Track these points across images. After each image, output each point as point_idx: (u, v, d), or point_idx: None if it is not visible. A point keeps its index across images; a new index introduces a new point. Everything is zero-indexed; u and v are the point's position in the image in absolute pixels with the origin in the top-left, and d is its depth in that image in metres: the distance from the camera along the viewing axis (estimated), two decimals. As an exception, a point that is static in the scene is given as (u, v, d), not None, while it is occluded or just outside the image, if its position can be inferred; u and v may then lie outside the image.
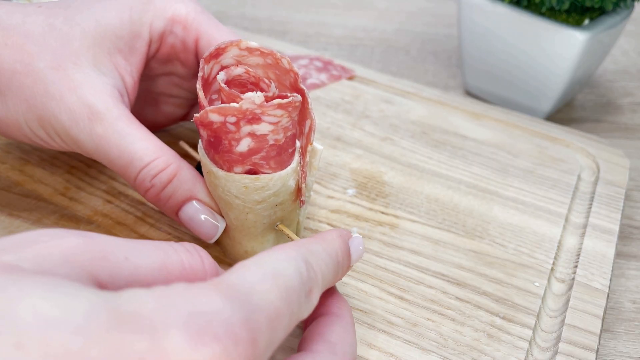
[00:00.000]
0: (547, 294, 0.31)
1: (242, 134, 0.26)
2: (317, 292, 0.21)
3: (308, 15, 0.67)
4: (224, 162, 0.27)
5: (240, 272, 0.18)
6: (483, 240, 0.34)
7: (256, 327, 0.17)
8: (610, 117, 0.51)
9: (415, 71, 0.57)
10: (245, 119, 0.25)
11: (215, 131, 0.26)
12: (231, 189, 0.27)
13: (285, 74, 0.28)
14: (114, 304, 0.15)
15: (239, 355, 0.16)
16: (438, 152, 0.41)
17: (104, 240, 0.19)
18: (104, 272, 0.18)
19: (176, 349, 0.15)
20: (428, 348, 0.28)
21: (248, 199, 0.27)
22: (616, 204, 0.37)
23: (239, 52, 0.28)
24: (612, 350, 0.32)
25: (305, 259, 0.21)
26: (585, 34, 0.42)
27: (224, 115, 0.25)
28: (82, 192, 0.35)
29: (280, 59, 0.27)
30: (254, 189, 0.27)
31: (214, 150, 0.26)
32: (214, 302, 0.16)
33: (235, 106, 0.25)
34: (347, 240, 0.25)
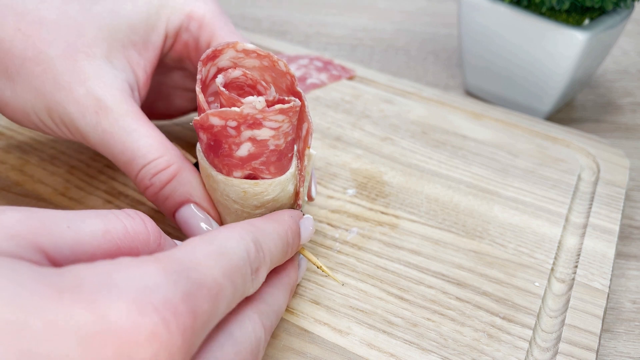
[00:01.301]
0: (547, 294, 0.31)
1: (242, 138, 0.25)
2: (264, 271, 0.23)
3: (308, 15, 0.67)
4: (224, 166, 0.26)
5: (188, 248, 0.19)
6: (483, 240, 0.34)
7: (196, 301, 0.17)
8: (610, 117, 0.51)
9: (415, 71, 0.57)
10: (246, 123, 0.25)
11: (216, 135, 0.25)
12: (230, 193, 0.27)
13: (282, 77, 0.28)
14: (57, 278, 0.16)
15: (178, 327, 0.16)
16: (438, 152, 0.40)
17: (43, 212, 0.19)
18: (47, 242, 0.18)
19: (118, 320, 0.15)
20: (428, 348, 0.28)
21: (247, 204, 0.27)
22: (616, 204, 0.37)
23: (235, 54, 0.27)
24: (612, 350, 0.32)
25: (255, 238, 0.22)
26: (585, 34, 0.42)
27: (224, 119, 0.25)
28: (82, 192, 0.35)
29: (277, 62, 0.27)
30: (253, 194, 0.27)
31: (214, 153, 0.26)
32: (155, 277, 0.17)
33: (236, 110, 0.24)
34: (298, 221, 0.27)
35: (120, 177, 0.36)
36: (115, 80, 0.28)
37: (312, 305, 0.29)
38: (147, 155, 0.27)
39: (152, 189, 0.28)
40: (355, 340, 0.28)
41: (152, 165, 0.27)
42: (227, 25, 0.32)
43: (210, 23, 0.31)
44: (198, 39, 0.32)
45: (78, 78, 0.27)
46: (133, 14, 0.29)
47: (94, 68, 0.28)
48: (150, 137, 0.28)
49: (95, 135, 0.28)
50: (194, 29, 0.31)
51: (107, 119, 0.27)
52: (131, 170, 0.28)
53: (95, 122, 0.27)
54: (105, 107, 0.27)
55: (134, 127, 0.27)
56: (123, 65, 0.29)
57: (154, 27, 0.30)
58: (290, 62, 0.50)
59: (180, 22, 0.31)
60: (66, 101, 0.27)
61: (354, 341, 0.28)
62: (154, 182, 0.28)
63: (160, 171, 0.28)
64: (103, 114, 0.27)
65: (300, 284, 0.30)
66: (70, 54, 0.27)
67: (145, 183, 0.28)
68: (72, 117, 0.28)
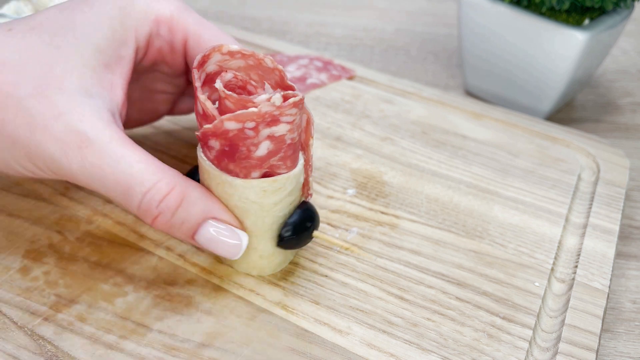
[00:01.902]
0: (547, 294, 0.31)
1: (261, 137, 0.25)
2: None
3: (308, 15, 0.67)
4: (241, 169, 0.26)
5: None
6: (483, 240, 0.34)
7: None
8: (610, 117, 0.51)
9: (415, 71, 0.57)
10: (264, 122, 0.25)
11: (232, 139, 0.25)
12: (249, 195, 0.27)
13: (270, 73, 0.28)
14: None
15: None
16: (438, 152, 0.40)
17: None
18: None
19: None
20: (428, 348, 0.28)
21: (266, 202, 0.27)
22: (616, 204, 0.37)
23: (221, 57, 0.27)
24: (612, 350, 0.32)
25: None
26: (585, 34, 0.42)
27: (242, 121, 0.25)
28: (82, 192, 0.35)
29: (263, 59, 0.27)
30: (272, 191, 0.27)
31: (229, 159, 0.26)
32: None
33: (254, 111, 0.25)
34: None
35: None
36: (94, 110, 0.26)
37: (312, 305, 0.29)
38: (145, 181, 0.26)
39: (162, 217, 0.26)
40: (355, 340, 0.28)
41: (154, 192, 0.26)
42: (197, 19, 0.31)
43: (180, 22, 0.30)
44: (172, 42, 0.30)
45: (53, 114, 0.25)
46: (98, 35, 0.28)
47: (69, 101, 0.26)
48: (142, 162, 0.26)
49: (83, 172, 0.26)
50: (165, 33, 0.30)
51: (92, 151, 0.25)
52: (131, 201, 0.26)
53: (81, 158, 0.25)
54: (88, 140, 0.25)
55: (122, 153, 0.26)
56: (99, 91, 0.27)
57: (122, 42, 0.28)
58: (290, 62, 0.50)
59: (149, 30, 0.30)
60: (45, 142, 0.25)
61: (354, 341, 0.28)
62: (162, 210, 0.26)
63: (165, 196, 0.26)
64: (87, 148, 0.25)
65: (300, 284, 0.30)
66: (41, 92, 0.25)
67: (152, 212, 0.26)
68: (55, 157, 0.25)
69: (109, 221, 0.33)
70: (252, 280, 0.30)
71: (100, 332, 0.27)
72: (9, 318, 0.28)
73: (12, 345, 0.26)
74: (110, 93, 0.28)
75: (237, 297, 0.29)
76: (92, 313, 0.28)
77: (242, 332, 0.28)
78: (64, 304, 0.28)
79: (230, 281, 0.30)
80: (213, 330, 0.28)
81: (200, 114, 0.27)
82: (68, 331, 0.27)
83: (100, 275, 0.30)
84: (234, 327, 0.28)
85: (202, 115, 0.26)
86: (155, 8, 0.30)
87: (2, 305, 0.28)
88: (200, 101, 0.26)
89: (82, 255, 0.31)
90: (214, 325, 0.28)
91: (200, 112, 0.26)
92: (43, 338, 0.27)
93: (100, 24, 0.28)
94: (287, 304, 0.29)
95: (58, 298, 0.29)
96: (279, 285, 0.30)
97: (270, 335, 0.28)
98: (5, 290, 0.29)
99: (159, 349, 0.27)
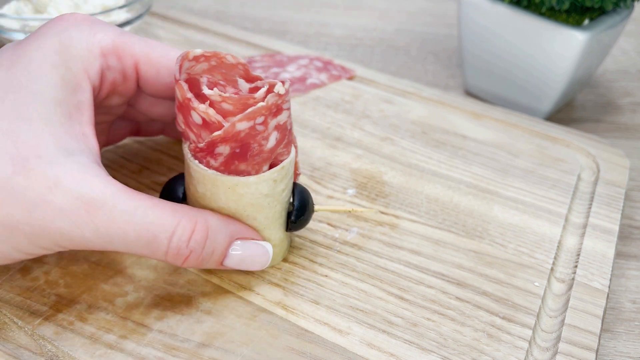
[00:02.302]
0: (547, 294, 0.31)
1: (270, 129, 0.26)
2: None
3: (308, 15, 0.67)
4: (253, 166, 0.27)
5: None
6: (483, 240, 0.34)
7: None
8: (610, 117, 0.51)
9: (415, 71, 0.57)
10: (271, 114, 0.25)
11: (243, 139, 0.25)
12: (263, 189, 0.27)
13: (233, 69, 0.28)
14: None
15: None
16: (438, 152, 0.41)
17: None
18: None
19: None
20: (428, 348, 0.28)
21: (276, 191, 0.28)
22: (616, 204, 0.37)
23: (188, 64, 0.27)
24: (612, 350, 0.32)
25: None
26: (585, 34, 0.42)
27: (252, 119, 0.25)
28: (82, 192, 0.35)
29: (225, 57, 0.27)
30: (280, 179, 0.28)
31: (241, 159, 0.26)
32: None
33: (263, 105, 0.25)
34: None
35: (120, 178, 0.36)
36: (84, 168, 0.24)
37: (312, 305, 0.29)
38: (167, 225, 0.25)
39: (194, 254, 0.26)
40: (355, 340, 0.28)
41: (180, 232, 0.25)
42: (141, 40, 0.29)
43: (126, 47, 0.28)
44: (123, 69, 0.29)
45: (47, 186, 0.23)
46: (50, 90, 0.25)
47: (56, 167, 0.24)
48: (156, 207, 0.25)
49: (99, 237, 0.24)
50: (115, 63, 0.28)
51: (103, 213, 0.24)
52: (157, 249, 0.25)
53: (93, 224, 0.24)
54: (94, 202, 0.23)
55: (134, 205, 0.24)
56: (75, 146, 0.25)
57: (77, 88, 0.26)
58: (290, 62, 0.50)
59: (99, 66, 0.27)
60: (48, 218, 0.23)
61: (354, 341, 0.28)
62: (194, 248, 0.25)
63: (192, 233, 0.25)
64: (96, 211, 0.24)
65: (300, 284, 0.30)
66: (23, 166, 0.23)
67: (183, 254, 0.25)
68: (64, 232, 0.24)
69: (109, 221, 0.33)
70: (252, 280, 0.30)
71: (100, 332, 0.27)
72: (9, 318, 0.28)
73: (12, 345, 0.26)
74: (85, 144, 0.26)
75: (237, 297, 0.29)
76: (92, 313, 0.28)
77: (242, 332, 0.28)
78: (64, 304, 0.28)
79: (230, 281, 0.30)
80: (213, 330, 0.28)
81: (197, 125, 0.26)
82: (68, 331, 0.27)
83: (101, 275, 0.30)
84: (234, 327, 0.28)
85: (201, 125, 0.26)
86: (97, 40, 0.27)
87: (2, 305, 0.28)
88: (199, 111, 0.25)
89: (82, 255, 0.31)
90: (214, 325, 0.28)
91: (199, 123, 0.26)
92: (43, 338, 0.27)
93: (48, 77, 0.25)
94: (287, 304, 0.29)
95: (58, 298, 0.29)
96: (279, 285, 0.30)
97: (270, 335, 0.28)
98: (6, 290, 0.29)
99: (159, 349, 0.27)
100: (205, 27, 0.55)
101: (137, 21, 0.48)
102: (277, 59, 0.50)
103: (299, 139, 0.41)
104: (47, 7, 0.46)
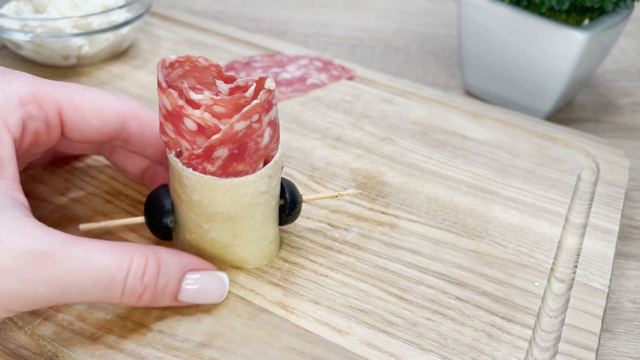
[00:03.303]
0: (547, 294, 0.31)
1: (264, 126, 0.26)
2: None
3: (308, 15, 0.67)
4: (251, 165, 0.27)
5: None
6: (483, 240, 0.34)
7: None
8: (610, 117, 0.51)
9: (415, 71, 0.57)
10: (264, 110, 0.25)
11: (240, 139, 0.25)
12: (260, 187, 0.27)
13: (206, 72, 0.28)
14: None
15: None
16: (438, 152, 0.41)
17: None
18: None
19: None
20: (428, 348, 0.28)
21: (271, 187, 0.28)
22: (616, 204, 0.37)
23: (165, 71, 0.27)
24: (612, 350, 0.32)
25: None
26: (585, 34, 0.42)
27: (249, 117, 0.25)
28: (82, 192, 0.35)
29: (197, 60, 0.27)
30: (274, 174, 0.28)
31: (238, 160, 0.26)
32: None
33: (257, 102, 0.25)
34: None
35: (121, 178, 0.36)
36: (21, 222, 0.23)
37: (312, 305, 0.29)
38: (122, 265, 0.24)
39: (148, 290, 0.25)
40: (355, 340, 0.28)
41: (134, 270, 0.24)
42: (58, 85, 0.28)
43: (46, 94, 0.27)
44: (46, 118, 0.27)
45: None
46: None
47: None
48: (106, 249, 0.24)
49: (54, 290, 0.23)
50: (36, 112, 0.26)
51: (54, 264, 0.22)
52: (113, 292, 0.24)
53: (46, 276, 0.22)
54: (43, 254, 0.22)
55: (84, 251, 0.23)
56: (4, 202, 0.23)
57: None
58: (290, 62, 0.50)
59: (20, 117, 0.26)
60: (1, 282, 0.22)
61: (354, 341, 0.28)
62: (148, 282, 0.25)
63: (145, 268, 0.25)
64: (47, 263, 0.22)
65: (300, 284, 0.30)
66: None
67: (138, 290, 0.25)
68: (15, 292, 0.22)
69: (109, 221, 0.33)
70: (252, 280, 0.30)
71: (100, 332, 0.27)
72: (9, 318, 0.28)
73: (12, 345, 0.26)
74: (13, 198, 0.24)
75: (237, 297, 0.29)
76: (92, 313, 0.28)
77: (242, 332, 0.28)
78: (64, 304, 0.28)
79: (230, 281, 0.30)
80: (213, 330, 0.28)
81: (191, 132, 0.25)
82: (68, 331, 0.27)
83: (101, 275, 0.30)
84: (234, 327, 0.28)
85: (195, 131, 0.25)
86: (13, 90, 0.26)
87: (2, 305, 0.28)
88: (194, 117, 0.25)
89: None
90: (214, 325, 0.28)
91: (193, 129, 0.25)
92: (43, 338, 0.27)
93: None
94: (287, 304, 0.29)
95: (58, 298, 0.29)
96: (279, 285, 0.30)
97: (270, 335, 0.28)
98: (6, 290, 0.29)
99: (159, 349, 0.27)
100: (205, 27, 0.55)
101: (137, 21, 0.48)
102: (277, 59, 0.50)
103: (298, 138, 0.41)
104: (47, 7, 0.46)
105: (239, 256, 0.30)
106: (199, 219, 0.28)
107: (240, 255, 0.30)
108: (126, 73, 0.48)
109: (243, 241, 0.29)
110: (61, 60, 0.47)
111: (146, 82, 0.47)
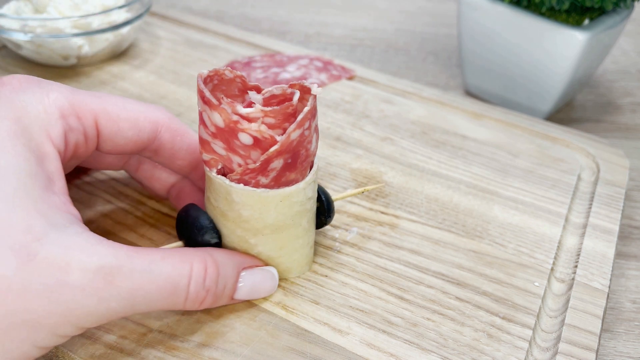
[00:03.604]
0: (547, 294, 0.31)
1: (312, 131, 0.26)
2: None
3: (308, 15, 0.67)
4: (301, 171, 0.27)
5: None
6: (483, 240, 0.34)
7: None
8: (610, 117, 0.51)
9: (415, 71, 0.57)
10: (312, 117, 0.25)
11: (294, 148, 0.25)
12: (308, 192, 0.27)
13: (232, 84, 0.27)
14: None
15: None
16: (438, 152, 0.41)
17: None
18: None
19: None
20: (428, 348, 0.28)
21: (314, 192, 0.28)
22: (616, 204, 0.37)
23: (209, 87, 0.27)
24: (612, 350, 0.32)
25: None
26: (585, 34, 0.42)
27: (302, 125, 0.25)
28: (82, 192, 0.35)
29: (223, 72, 0.26)
30: (315, 179, 0.28)
31: (291, 169, 0.26)
32: None
33: (308, 109, 0.25)
34: None
35: (121, 178, 0.36)
36: (82, 238, 0.23)
37: (312, 305, 0.29)
38: (183, 271, 0.24)
39: (210, 294, 0.26)
40: (355, 340, 0.28)
41: (196, 275, 0.25)
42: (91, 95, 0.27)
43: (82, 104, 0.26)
44: (84, 129, 0.27)
45: (58, 268, 0.21)
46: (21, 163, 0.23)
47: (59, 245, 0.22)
48: (166, 258, 0.24)
49: (123, 303, 0.23)
50: (75, 123, 0.26)
51: (123, 277, 0.23)
52: (178, 298, 0.24)
53: (116, 291, 0.22)
54: (111, 269, 0.22)
55: (147, 261, 0.23)
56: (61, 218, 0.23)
57: (43, 157, 0.24)
58: (290, 62, 0.50)
59: (61, 128, 0.25)
60: (71, 301, 0.22)
61: (354, 341, 0.28)
62: (210, 286, 0.26)
63: (205, 272, 0.25)
64: (115, 276, 0.22)
65: (300, 284, 0.30)
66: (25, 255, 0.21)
67: (201, 295, 0.25)
68: (90, 310, 0.22)
69: (109, 221, 0.33)
70: (252, 280, 0.30)
71: (100, 332, 0.27)
72: (9, 318, 0.28)
73: (12, 345, 0.26)
74: (68, 213, 0.24)
75: (237, 297, 0.29)
76: (92, 313, 0.28)
77: (242, 332, 0.28)
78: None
79: (230, 281, 0.30)
80: (213, 330, 0.28)
81: (245, 147, 0.25)
82: (68, 331, 0.27)
83: (100, 275, 0.30)
84: (234, 327, 0.28)
85: (251, 145, 0.25)
86: (51, 103, 0.25)
87: (2, 305, 0.28)
88: (251, 131, 0.24)
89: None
90: (214, 325, 0.28)
91: (249, 143, 0.25)
92: (43, 338, 0.27)
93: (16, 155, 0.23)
94: (287, 304, 0.29)
95: (58, 298, 0.29)
96: (279, 285, 0.30)
97: (270, 335, 0.28)
98: (6, 290, 0.29)
99: (159, 349, 0.27)
100: (205, 27, 0.55)
101: (137, 21, 0.48)
102: (277, 59, 0.50)
103: (299, 139, 0.41)
104: (47, 7, 0.46)
105: (284, 266, 0.30)
106: (246, 235, 0.28)
107: (286, 265, 0.30)
108: (126, 73, 0.48)
109: (289, 251, 0.29)
110: (61, 60, 0.47)
111: (146, 82, 0.47)
